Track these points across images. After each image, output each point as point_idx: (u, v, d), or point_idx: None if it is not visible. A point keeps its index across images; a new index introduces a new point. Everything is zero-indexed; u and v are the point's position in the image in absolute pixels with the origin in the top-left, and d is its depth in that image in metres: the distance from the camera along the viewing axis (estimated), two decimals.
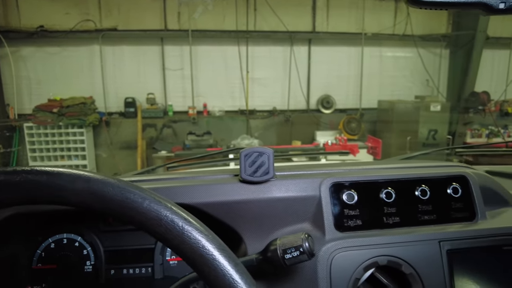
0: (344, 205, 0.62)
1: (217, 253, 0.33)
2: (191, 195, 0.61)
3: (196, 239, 0.34)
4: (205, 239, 0.34)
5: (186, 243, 0.34)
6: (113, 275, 0.76)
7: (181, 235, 0.34)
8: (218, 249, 0.34)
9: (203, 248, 0.33)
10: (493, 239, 0.64)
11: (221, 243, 0.35)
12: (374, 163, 0.76)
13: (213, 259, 0.33)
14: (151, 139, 5.93)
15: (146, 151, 5.82)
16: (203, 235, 0.34)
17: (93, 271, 0.76)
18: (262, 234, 0.62)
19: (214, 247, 0.34)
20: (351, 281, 0.58)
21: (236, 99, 6.19)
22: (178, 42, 5.95)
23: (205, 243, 0.33)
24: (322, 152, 1.14)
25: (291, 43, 6.11)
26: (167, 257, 0.78)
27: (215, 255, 0.33)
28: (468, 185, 0.68)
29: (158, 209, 0.35)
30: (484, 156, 4.20)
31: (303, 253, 0.48)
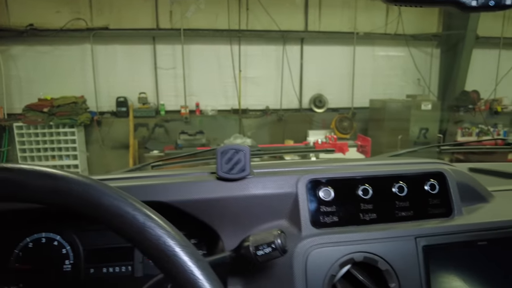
0: (321, 202, 0.63)
1: (178, 249, 0.33)
2: (167, 193, 0.61)
3: (157, 235, 0.33)
4: (166, 235, 0.33)
5: (147, 239, 0.34)
6: (93, 274, 0.76)
7: (142, 231, 0.34)
8: (180, 245, 0.33)
9: (164, 244, 0.33)
10: (468, 235, 0.65)
11: (184, 239, 0.35)
12: (354, 160, 0.77)
13: (174, 255, 0.33)
14: (143, 138, 5.90)
15: (138, 151, 5.79)
16: (164, 231, 0.34)
17: (72, 270, 0.75)
18: (239, 231, 0.62)
19: (175, 243, 0.34)
20: (327, 277, 0.58)
21: (229, 98, 6.18)
22: (170, 41, 5.93)
23: (166, 239, 0.33)
24: (306, 150, 1.14)
25: (284, 42, 6.11)
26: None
27: (176, 251, 0.33)
28: (445, 182, 0.69)
29: (119, 205, 0.35)
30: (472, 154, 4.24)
31: (275, 250, 0.48)
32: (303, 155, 2.30)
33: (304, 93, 6.44)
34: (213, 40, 6.01)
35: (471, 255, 0.64)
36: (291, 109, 6.42)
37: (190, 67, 6.01)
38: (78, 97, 5.50)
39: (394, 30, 6.32)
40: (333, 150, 1.21)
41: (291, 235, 0.61)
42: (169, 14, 5.86)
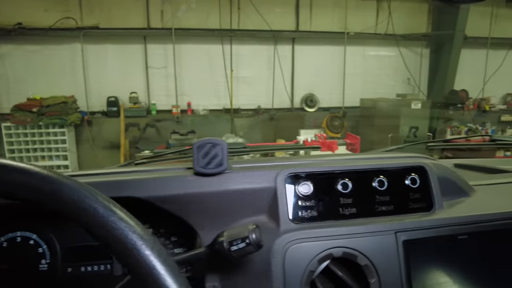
0: (300, 197, 0.62)
1: (140, 243, 0.32)
2: (141, 189, 0.59)
3: (119, 229, 0.32)
4: (128, 229, 0.32)
5: (110, 233, 0.32)
6: (71, 273, 0.74)
7: (105, 225, 0.33)
8: (141, 239, 0.32)
9: (126, 238, 0.32)
10: (449, 229, 0.64)
11: (146, 233, 0.34)
12: (336, 155, 0.76)
13: (135, 249, 0.32)
14: (134, 138, 5.85)
15: (130, 151, 5.74)
16: (126, 224, 0.32)
17: (49, 269, 0.73)
18: (217, 227, 0.61)
19: (137, 237, 0.32)
20: (306, 273, 0.57)
21: (220, 97, 6.16)
22: (161, 40, 5.89)
23: (128, 233, 0.32)
24: (292, 148, 1.13)
25: (275, 42, 6.11)
26: None
27: (137, 245, 0.32)
28: (426, 176, 0.68)
29: (83, 199, 0.33)
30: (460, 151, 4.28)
31: (250, 245, 0.47)
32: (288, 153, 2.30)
33: (296, 93, 6.45)
34: (205, 40, 5.99)
35: (452, 249, 0.64)
36: (282, 109, 6.42)
37: (182, 66, 5.98)
38: (68, 97, 5.43)
39: (385, 30, 6.36)
40: (319, 147, 1.20)
41: (269, 230, 0.60)
42: (160, 14, 5.83)
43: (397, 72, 6.63)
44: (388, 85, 6.59)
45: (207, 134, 5.73)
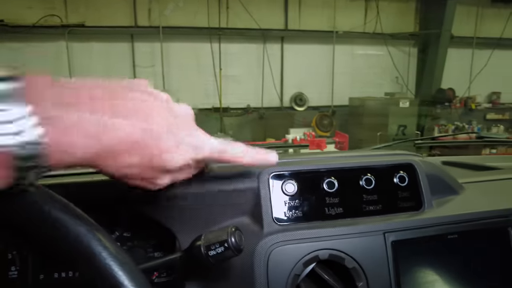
0: (284, 197, 0.59)
1: (100, 249, 0.29)
2: (115, 191, 0.56)
3: (74, 233, 0.29)
4: (83, 234, 0.29)
5: (63, 237, 0.29)
6: (43, 280, 0.70)
7: (57, 228, 0.29)
8: (100, 244, 0.29)
9: (81, 244, 0.28)
10: (438, 228, 0.62)
11: (105, 236, 0.30)
12: (322, 153, 0.73)
13: (93, 256, 0.28)
14: None
15: None
16: (73, 219, 0.29)
17: (19, 277, 0.68)
18: (196, 230, 0.58)
19: (97, 243, 0.29)
20: (290, 277, 0.54)
21: (209, 96, 6.11)
22: (148, 39, 5.81)
23: (83, 239, 0.29)
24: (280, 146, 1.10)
25: (264, 41, 6.09)
26: None
27: (95, 251, 0.28)
28: (415, 174, 0.66)
29: (39, 202, 0.30)
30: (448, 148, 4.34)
31: (229, 249, 0.44)
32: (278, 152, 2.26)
33: (285, 92, 6.44)
34: (193, 38, 5.93)
35: (442, 249, 0.62)
36: (272, 108, 6.41)
37: (170, 65, 5.92)
38: None
39: (373, 29, 6.39)
40: (307, 146, 1.17)
41: (252, 233, 0.57)
42: (148, 12, 5.75)
43: (385, 71, 6.67)
44: (376, 84, 6.64)
45: None
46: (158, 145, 0.36)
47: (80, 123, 0.30)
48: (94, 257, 0.29)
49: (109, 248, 0.31)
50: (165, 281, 0.74)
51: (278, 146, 1.17)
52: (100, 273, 0.29)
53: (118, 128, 0.32)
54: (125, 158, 0.34)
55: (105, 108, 0.32)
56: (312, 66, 6.43)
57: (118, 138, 0.32)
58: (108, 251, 0.30)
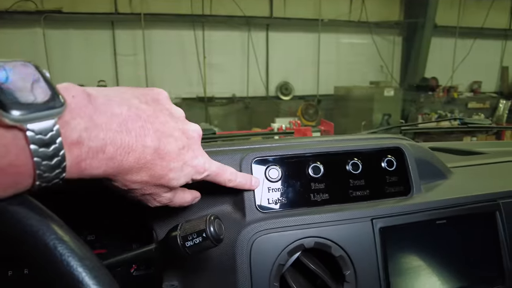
0: (268, 183, 0.56)
1: (56, 242, 0.25)
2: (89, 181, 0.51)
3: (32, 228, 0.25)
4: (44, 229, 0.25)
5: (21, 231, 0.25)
6: (11, 276, 0.65)
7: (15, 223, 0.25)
8: (57, 238, 0.25)
9: (41, 237, 0.25)
10: (427, 214, 0.60)
11: (64, 229, 0.26)
12: (307, 138, 0.70)
13: (50, 252, 0.24)
14: None
15: None
16: (26, 210, 0.25)
17: None
18: (174, 221, 0.54)
19: (54, 237, 0.25)
20: (275, 267, 0.51)
21: (193, 85, 6.01)
22: (130, 26, 5.64)
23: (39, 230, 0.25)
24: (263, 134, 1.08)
25: (249, 29, 6.00)
26: None
27: (50, 245, 0.24)
28: (404, 158, 0.64)
29: None
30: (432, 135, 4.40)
31: (207, 239, 0.40)
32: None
33: (271, 81, 6.39)
34: (176, 26, 5.79)
35: (430, 234, 0.60)
36: (258, 97, 6.35)
37: (152, 53, 5.77)
38: None
39: (358, 18, 6.38)
40: (292, 133, 1.14)
41: (234, 221, 0.54)
42: None
43: (370, 60, 6.69)
44: (361, 73, 6.65)
45: None
46: (167, 166, 0.38)
47: (105, 146, 0.31)
48: (49, 253, 0.25)
49: (66, 242, 0.27)
50: (144, 274, 0.70)
51: (263, 134, 1.15)
52: (56, 271, 0.25)
53: (135, 150, 0.34)
54: (134, 176, 0.36)
55: (129, 129, 0.33)
56: (298, 55, 6.39)
57: (135, 159, 0.34)
58: (66, 244, 0.26)
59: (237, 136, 1.26)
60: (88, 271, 0.25)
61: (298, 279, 0.54)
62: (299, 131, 2.36)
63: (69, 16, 5.35)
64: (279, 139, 0.73)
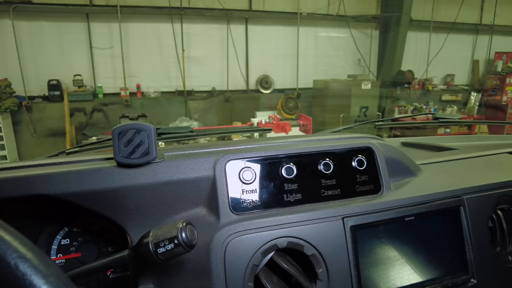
0: (242, 185, 0.56)
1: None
2: (54, 185, 0.50)
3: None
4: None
5: None
6: None
7: None
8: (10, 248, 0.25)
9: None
10: (396, 211, 0.63)
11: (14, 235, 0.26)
12: (281, 138, 0.71)
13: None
14: (81, 124, 5.48)
15: (76, 138, 5.38)
16: None
17: None
18: (149, 224, 0.54)
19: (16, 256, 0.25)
20: (249, 268, 0.52)
21: (172, 79, 5.91)
22: (106, 18, 5.48)
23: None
24: (241, 130, 1.08)
25: (228, 21, 5.94)
26: (52, 256, 0.66)
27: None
28: (374, 157, 0.66)
29: None
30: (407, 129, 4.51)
31: (179, 245, 0.41)
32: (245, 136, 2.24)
33: (251, 74, 6.37)
34: (153, 18, 5.66)
35: (399, 231, 0.63)
36: (238, 90, 6.32)
37: (129, 46, 5.63)
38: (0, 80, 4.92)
39: (336, 11, 6.42)
40: (270, 129, 1.15)
41: (208, 224, 0.54)
42: None
43: (348, 53, 6.77)
44: (339, 66, 6.72)
45: (159, 117, 5.50)
46: None
47: None
48: (10, 273, 0.25)
49: (29, 260, 0.26)
50: (121, 276, 0.70)
51: (240, 131, 1.15)
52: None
53: None
54: None
55: None
56: (277, 48, 6.39)
57: None
58: (28, 263, 0.25)
59: (214, 132, 1.26)
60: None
61: (272, 279, 0.56)
62: (278, 126, 2.37)
63: (41, 7, 5.14)
64: (253, 139, 0.73)
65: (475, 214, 0.69)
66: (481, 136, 1.47)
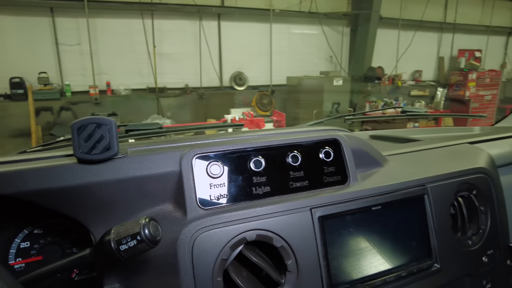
0: (209, 179, 0.56)
1: None
2: (9, 184, 0.48)
3: None
4: None
5: None
6: None
7: None
8: None
9: None
10: (363, 201, 0.64)
11: None
12: (249, 132, 0.71)
13: None
14: (48, 124, 5.25)
15: (43, 138, 5.15)
16: None
17: None
18: (113, 222, 0.53)
19: None
20: (217, 263, 0.52)
21: (144, 76, 5.78)
22: (72, 14, 5.27)
23: None
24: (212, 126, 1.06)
25: (200, 18, 5.87)
26: (10, 260, 0.63)
27: None
28: (340, 149, 0.67)
29: None
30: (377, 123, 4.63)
31: (142, 242, 0.40)
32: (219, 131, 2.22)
33: (224, 71, 6.33)
34: (123, 14, 5.50)
35: (366, 220, 0.64)
36: (212, 87, 6.27)
37: (98, 43, 5.45)
38: None
39: (308, 8, 6.48)
40: (241, 125, 1.15)
41: (175, 220, 0.53)
42: None
43: (320, 50, 6.86)
44: (312, 63, 6.80)
45: (131, 115, 5.37)
46: None
47: None
48: None
49: None
50: (86, 278, 0.68)
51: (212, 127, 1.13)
52: None
53: None
54: None
55: None
56: (251, 45, 6.38)
57: None
58: None
59: (185, 129, 1.24)
60: None
61: (242, 273, 0.55)
62: (251, 122, 2.37)
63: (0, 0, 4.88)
64: (222, 133, 0.73)
65: (438, 202, 0.71)
66: (445, 128, 1.53)
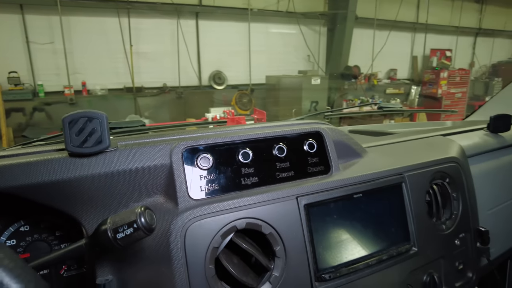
0: (199, 171, 0.57)
1: None
2: (0, 178, 0.48)
3: None
4: None
5: None
6: None
7: None
8: None
9: None
10: (345, 189, 0.67)
11: None
12: (236, 126, 0.73)
13: None
14: (20, 125, 5.07)
15: (15, 140, 4.97)
16: None
17: None
18: (105, 215, 0.53)
19: None
20: (209, 251, 0.54)
21: (120, 75, 5.67)
22: (44, 11, 5.10)
23: None
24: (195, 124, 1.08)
25: (178, 16, 5.81)
26: None
27: None
28: (323, 140, 0.70)
29: None
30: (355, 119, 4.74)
31: (138, 230, 0.41)
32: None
33: (203, 70, 6.30)
34: (98, 12, 5.38)
35: (349, 207, 0.68)
36: (190, 86, 6.23)
37: (72, 41, 5.30)
38: None
39: (286, 8, 6.55)
40: (225, 122, 1.16)
41: (167, 211, 0.55)
42: None
43: (298, 49, 6.94)
44: (291, 62, 6.88)
45: (108, 116, 5.24)
46: None
47: None
48: None
49: None
50: (76, 274, 0.68)
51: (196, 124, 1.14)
52: None
53: None
54: None
55: None
56: (229, 44, 6.38)
57: None
58: None
59: (167, 127, 1.24)
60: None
61: (233, 260, 0.57)
62: (233, 120, 2.39)
63: None
64: (210, 128, 0.75)
65: (415, 189, 0.76)
66: (420, 123, 1.61)
